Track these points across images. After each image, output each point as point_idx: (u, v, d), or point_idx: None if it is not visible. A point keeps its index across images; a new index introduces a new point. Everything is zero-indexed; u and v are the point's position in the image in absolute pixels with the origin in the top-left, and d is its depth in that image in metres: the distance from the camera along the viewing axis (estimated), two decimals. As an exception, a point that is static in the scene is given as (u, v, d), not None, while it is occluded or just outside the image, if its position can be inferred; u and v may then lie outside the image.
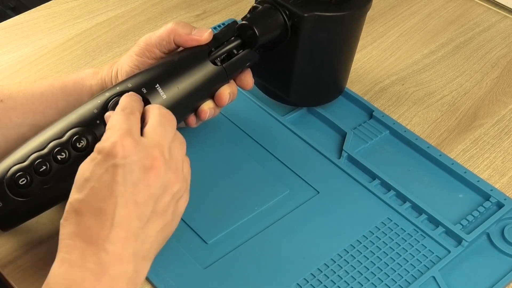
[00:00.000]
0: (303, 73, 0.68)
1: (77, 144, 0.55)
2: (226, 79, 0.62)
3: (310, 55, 0.67)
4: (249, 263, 0.60)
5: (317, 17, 0.63)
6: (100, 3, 0.90)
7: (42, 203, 0.56)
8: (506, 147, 0.73)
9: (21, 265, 0.59)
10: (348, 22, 0.66)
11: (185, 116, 0.63)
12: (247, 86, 0.66)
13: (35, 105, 0.62)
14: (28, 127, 0.62)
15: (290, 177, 0.67)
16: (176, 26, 0.61)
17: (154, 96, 0.58)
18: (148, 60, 0.62)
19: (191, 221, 0.63)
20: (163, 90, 0.58)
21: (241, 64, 0.63)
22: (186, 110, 0.62)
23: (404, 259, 0.61)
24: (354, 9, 0.65)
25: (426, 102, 0.77)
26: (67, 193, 0.52)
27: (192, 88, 0.60)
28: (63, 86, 0.63)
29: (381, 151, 0.71)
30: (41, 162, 0.55)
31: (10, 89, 0.62)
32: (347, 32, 0.68)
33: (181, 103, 0.60)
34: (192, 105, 0.62)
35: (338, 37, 0.67)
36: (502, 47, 0.85)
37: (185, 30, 0.61)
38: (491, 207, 0.66)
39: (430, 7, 0.92)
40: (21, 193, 0.54)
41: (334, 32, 0.66)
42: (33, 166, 0.55)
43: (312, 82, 0.71)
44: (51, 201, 0.57)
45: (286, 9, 0.63)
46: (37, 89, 0.63)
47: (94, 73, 0.64)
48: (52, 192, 0.56)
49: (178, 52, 0.63)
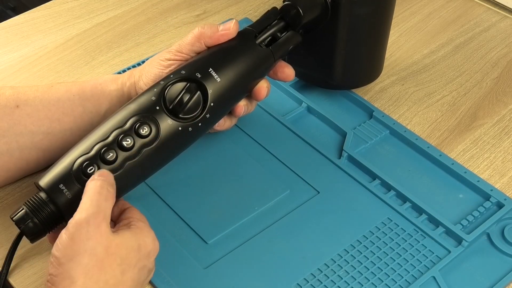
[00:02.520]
0: (345, 51, 0.70)
1: (140, 130, 0.57)
2: (273, 61, 0.64)
3: (351, 32, 0.68)
4: (249, 263, 0.60)
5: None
6: (100, 3, 0.90)
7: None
8: (506, 147, 0.73)
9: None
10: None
11: (238, 99, 0.64)
12: (288, 77, 0.67)
13: (51, 112, 0.62)
14: (43, 135, 0.62)
15: (290, 177, 0.67)
16: (202, 30, 0.62)
17: (208, 79, 0.60)
18: (178, 63, 0.62)
19: (191, 221, 0.63)
20: (216, 73, 0.60)
21: (286, 46, 0.65)
22: (239, 92, 0.64)
23: (404, 259, 0.61)
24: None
25: (426, 102, 0.77)
26: (137, 180, 0.57)
27: (243, 70, 0.62)
28: (81, 91, 0.63)
29: (381, 151, 0.71)
30: (107, 150, 0.55)
31: (27, 94, 0.62)
32: (385, 6, 0.69)
33: (234, 85, 0.61)
34: (244, 87, 0.64)
35: (377, 11, 0.69)
36: (502, 47, 0.85)
37: (212, 30, 0.62)
38: (491, 207, 0.66)
39: (430, 7, 0.92)
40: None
41: (373, 6, 0.68)
42: (100, 155, 0.55)
43: (354, 61, 0.72)
44: (121, 188, 0.57)
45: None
46: (53, 94, 0.63)
47: (113, 79, 0.65)
48: (122, 179, 0.56)
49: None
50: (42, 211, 0.54)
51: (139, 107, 0.58)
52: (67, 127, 0.62)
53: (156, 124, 0.57)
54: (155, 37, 0.85)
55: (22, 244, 0.58)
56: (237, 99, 0.64)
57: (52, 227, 0.55)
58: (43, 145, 0.62)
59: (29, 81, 0.78)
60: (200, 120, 0.59)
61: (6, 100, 0.61)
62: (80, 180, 0.54)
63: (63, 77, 0.79)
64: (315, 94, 0.77)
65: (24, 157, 0.62)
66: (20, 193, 0.65)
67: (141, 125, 0.57)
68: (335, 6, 0.66)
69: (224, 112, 0.64)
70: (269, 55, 0.64)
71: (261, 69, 0.64)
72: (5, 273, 0.58)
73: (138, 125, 0.57)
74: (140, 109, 0.58)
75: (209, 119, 0.60)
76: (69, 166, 0.55)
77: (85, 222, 0.50)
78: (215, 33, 0.62)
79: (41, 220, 0.54)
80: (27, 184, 0.66)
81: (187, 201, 0.65)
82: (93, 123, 0.63)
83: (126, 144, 0.56)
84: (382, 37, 0.73)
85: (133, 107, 0.58)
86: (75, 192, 0.54)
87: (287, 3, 0.64)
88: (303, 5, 0.64)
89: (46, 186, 0.54)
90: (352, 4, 0.66)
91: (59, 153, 0.63)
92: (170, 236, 0.62)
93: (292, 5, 0.64)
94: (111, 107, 0.64)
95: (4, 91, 0.62)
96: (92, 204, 0.51)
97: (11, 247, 0.58)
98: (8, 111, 0.61)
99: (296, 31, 0.65)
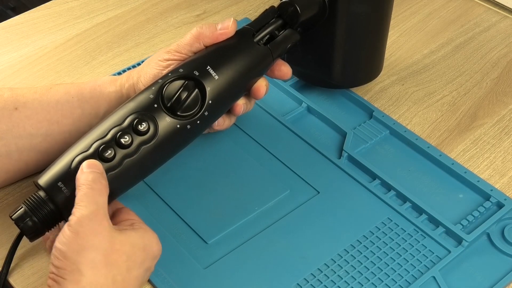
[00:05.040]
0: (344, 50, 0.70)
1: (139, 127, 0.57)
2: (271, 60, 0.64)
3: (349, 30, 0.68)
4: (249, 263, 0.60)
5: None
6: (100, 3, 0.90)
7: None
8: (506, 147, 0.73)
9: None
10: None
11: (236, 97, 0.64)
12: (285, 75, 0.67)
13: (50, 114, 0.62)
14: (42, 138, 0.62)
15: (290, 177, 0.67)
16: (201, 30, 0.62)
17: (206, 77, 0.60)
18: (176, 62, 0.63)
19: (191, 221, 0.63)
20: (214, 71, 0.60)
21: (285, 44, 0.65)
22: (237, 90, 0.64)
23: (404, 259, 0.61)
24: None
25: (426, 102, 0.77)
26: (135, 178, 0.57)
27: (241, 68, 0.62)
28: (79, 93, 0.63)
29: (381, 151, 0.71)
30: (105, 147, 0.55)
31: (26, 96, 0.62)
32: (383, 4, 0.69)
33: (232, 83, 0.62)
34: (243, 85, 0.64)
35: (374, 9, 0.69)
36: (502, 47, 0.85)
37: (210, 29, 0.62)
38: (491, 207, 0.66)
39: (430, 7, 0.92)
40: None
41: (371, 4, 0.68)
42: (98, 153, 0.55)
43: (352, 60, 0.72)
44: (120, 186, 0.57)
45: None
46: (52, 96, 0.62)
47: (112, 81, 0.65)
48: (121, 177, 0.56)
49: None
50: (41, 210, 0.54)
51: (137, 105, 0.58)
52: (66, 129, 0.62)
53: (154, 121, 0.57)
54: (155, 37, 0.85)
55: (22, 244, 0.58)
56: (236, 97, 0.64)
57: (51, 226, 0.55)
58: (42, 147, 0.62)
59: (29, 81, 0.78)
60: (198, 118, 0.59)
61: (4, 102, 0.61)
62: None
63: (63, 77, 0.79)
64: (315, 94, 0.77)
65: (23, 159, 0.62)
66: (20, 193, 0.65)
67: (139, 123, 0.57)
68: (332, 4, 0.66)
69: (223, 110, 0.64)
70: (267, 53, 0.64)
71: (260, 67, 0.64)
72: (5, 273, 0.58)
73: (136, 123, 0.57)
74: (138, 107, 0.58)
75: (208, 117, 0.60)
76: (67, 164, 0.55)
77: (87, 219, 0.51)
78: (214, 32, 0.62)
79: (40, 219, 0.54)
80: (26, 184, 0.66)
81: (187, 201, 0.65)
82: (92, 124, 0.63)
83: (124, 142, 0.56)
84: (381, 35, 0.73)
85: (131, 105, 0.58)
86: (74, 190, 0.54)
87: (284, 1, 0.65)
88: (301, 3, 0.64)
89: (45, 185, 0.54)
90: (350, 2, 0.66)
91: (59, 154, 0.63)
92: (170, 236, 0.62)
93: (289, 3, 0.64)
94: (110, 109, 0.64)
95: (3, 93, 0.62)
96: (89, 201, 0.52)
97: (11, 247, 0.58)
98: (6, 113, 0.60)
99: (294, 29, 0.65)
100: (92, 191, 0.52)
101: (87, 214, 0.51)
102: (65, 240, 0.50)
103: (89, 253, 0.50)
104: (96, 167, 0.54)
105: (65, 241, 0.50)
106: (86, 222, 0.51)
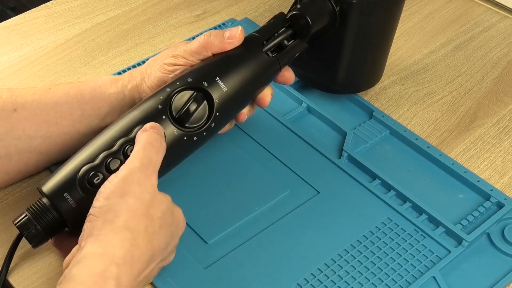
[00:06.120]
0: (350, 58, 0.70)
1: None
2: (278, 69, 0.64)
3: (358, 40, 0.69)
4: (249, 263, 0.60)
5: (366, 2, 0.65)
6: (100, 3, 0.90)
7: None
8: (506, 147, 0.73)
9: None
10: (393, 5, 0.69)
11: (242, 107, 0.64)
12: (288, 81, 0.67)
13: (49, 116, 0.61)
14: (41, 139, 0.61)
15: (290, 177, 0.67)
16: (208, 39, 0.62)
17: (215, 89, 0.60)
18: (183, 67, 0.62)
19: (191, 221, 0.63)
20: (223, 82, 0.60)
21: (293, 54, 0.65)
22: (244, 101, 0.64)
23: (405, 259, 0.61)
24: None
25: (426, 102, 0.77)
26: None
27: (249, 80, 0.62)
28: (79, 94, 0.63)
29: (381, 151, 0.71)
30: (112, 159, 0.55)
31: (24, 97, 0.61)
32: (392, 15, 0.70)
33: (240, 95, 0.62)
34: (250, 96, 0.64)
35: (384, 20, 0.69)
36: (502, 47, 0.85)
37: (218, 38, 0.62)
38: (491, 207, 0.66)
39: (430, 7, 0.92)
40: (95, 193, 0.54)
41: (381, 15, 0.68)
42: (105, 164, 0.55)
43: (357, 68, 0.72)
44: None
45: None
46: (51, 98, 0.62)
47: (113, 81, 0.64)
48: None
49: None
50: (45, 218, 0.54)
51: (144, 115, 0.57)
52: (65, 131, 0.62)
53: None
54: (155, 37, 0.85)
55: (22, 244, 0.58)
56: (242, 108, 0.64)
57: (54, 233, 0.55)
58: (42, 148, 0.62)
59: (29, 81, 0.78)
60: (205, 130, 0.59)
61: (3, 104, 0.60)
62: (85, 189, 0.54)
63: (63, 77, 0.79)
64: (315, 94, 0.77)
65: (23, 161, 0.62)
66: (20, 193, 0.65)
67: None
68: (343, 15, 0.66)
69: (228, 121, 0.64)
70: (275, 63, 0.63)
71: (267, 77, 0.64)
72: (5, 273, 0.58)
73: None
74: (146, 117, 0.57)
75: (214, 128, 0.60)
76: (73, 174, 0.55)
77: (137, 170, 0.53)
78: (221, 41, 0.62)
79: (44, 227, 0.54)
80: (27, 184, 0.66)
81: (187, 201, 0.65)
82: (92, 126, 0.63)
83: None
84: (387, 44, 0.73)
85: (138, 115, 0.57)
86: (79, 201, 0.54)
87: (295, 12, 0.64)
88: (312, 15, 0.64)
89: (49, 193, 0.54)
90: (361, 13, 0.66)
91: (58, 156, 0.63)
92: (170, 236, 0.62)
93: (301, 15, 0.64)
94: (111, 110, 0.63)
95: (1, 93, 0.61)
96: (144, 154, 0.54)
97: (11, 247, 0.58)
98: (5, 114, 0.60)
99: (303, 39, 0.65)
100: (150, 146, 0.54)
101: (138, 166, 0.53)
102: (110, 185, 0.52)
103: (130, 198, 0.52)
104: (159, 129, 0.56)
105: (109, 185, 0.52)
106: (136, 171, 0.53)
